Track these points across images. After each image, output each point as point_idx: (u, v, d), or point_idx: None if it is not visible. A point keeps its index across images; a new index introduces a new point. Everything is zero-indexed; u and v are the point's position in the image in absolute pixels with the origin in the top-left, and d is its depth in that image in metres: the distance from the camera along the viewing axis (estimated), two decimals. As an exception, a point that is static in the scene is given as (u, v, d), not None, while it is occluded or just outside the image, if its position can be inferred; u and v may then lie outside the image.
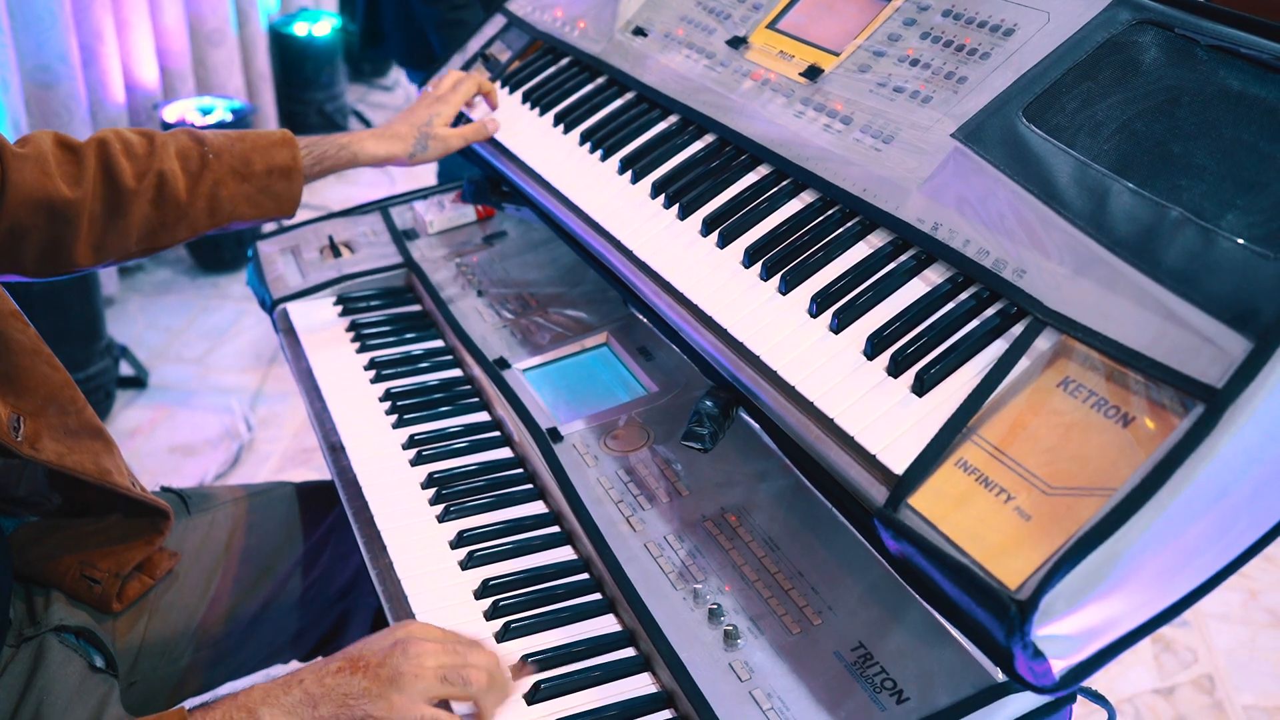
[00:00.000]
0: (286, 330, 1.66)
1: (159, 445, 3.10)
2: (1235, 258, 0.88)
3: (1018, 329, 0.98)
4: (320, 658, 1.03)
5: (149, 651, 1.41)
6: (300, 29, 4.68)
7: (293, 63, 4.73)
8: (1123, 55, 1.08)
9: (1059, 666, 0.86)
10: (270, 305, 1.72)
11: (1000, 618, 0.83)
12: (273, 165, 1.46)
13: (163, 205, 1.40)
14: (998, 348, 0.99)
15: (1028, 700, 0.98)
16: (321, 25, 4.71)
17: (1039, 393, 0.93)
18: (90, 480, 1.30)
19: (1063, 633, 0.83)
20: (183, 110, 3.97)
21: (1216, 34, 1.03)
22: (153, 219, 1.40)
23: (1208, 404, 0.82)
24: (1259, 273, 0.86)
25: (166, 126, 3.89)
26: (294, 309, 1.69)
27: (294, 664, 1.60)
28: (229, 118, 3.96)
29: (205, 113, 3.98)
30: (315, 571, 1.53)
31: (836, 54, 1.33)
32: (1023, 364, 0.95)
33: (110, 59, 3.83)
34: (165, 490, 1.55)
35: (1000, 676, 0.99)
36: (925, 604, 1.03)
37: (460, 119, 1.67)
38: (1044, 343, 0.95)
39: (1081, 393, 0.90)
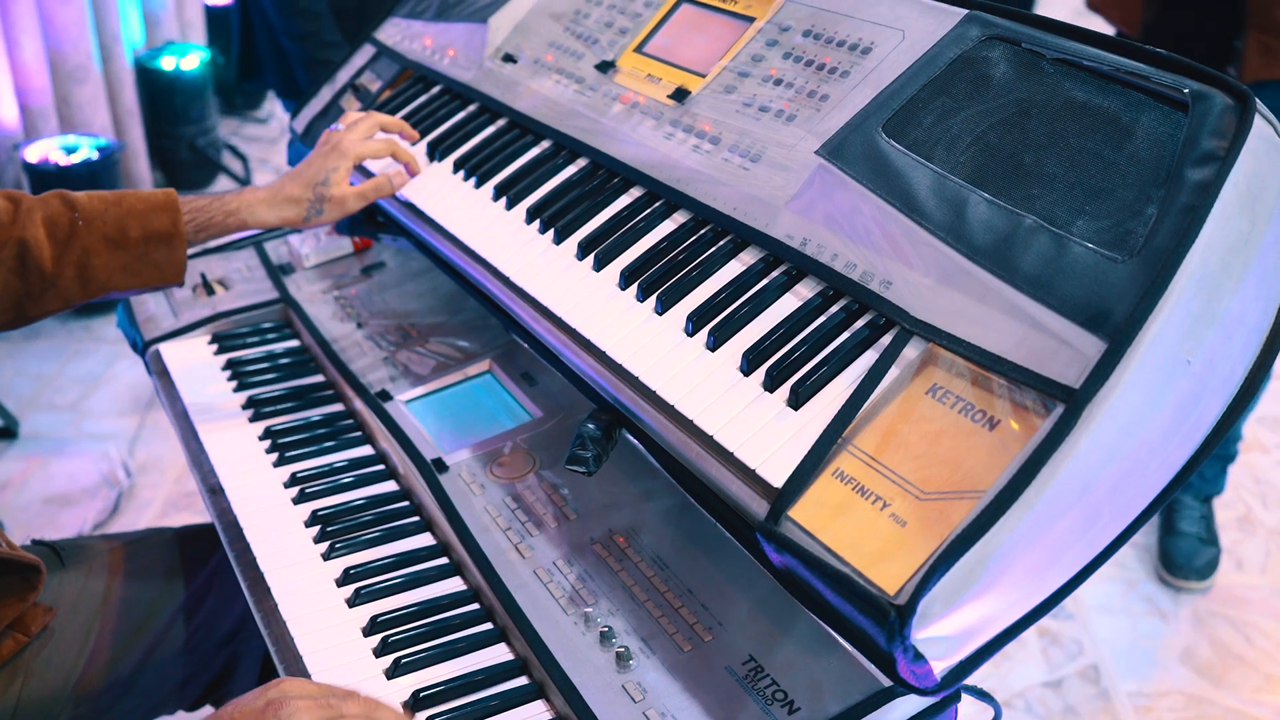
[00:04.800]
0: (160, 372, 1.62)
1: (33, 497, 2.99)
2: (1086, 262, 0.92)
3: (887, 339, 1.01)
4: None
5: (25, 713, 1.35)
6: (168, 63, 4.56)
7: (161, 97, 4.61)
8: (975, 70, 1.11)
9: (939, 668, 0.88)
10: (142, 347, 1.67)
11: (880, 623, 0.85)
12: (150, 232, 1.37)
13: (26, 275, 1.33)
14: (868, 358, 1.01)
15: (914, 703, 1.00)
16: (190, 59, 4.60)
17: (909, 401, 0.95)
18: None
19: (941, 634, 0.85)
20: (45, 150, 3.84)
21: (1061, 48, 1.08)
22: (17, 289, 1.33)
23: (1067, 404, 0.86)
24: (1109, 275, 0.90)
25: (28, 167, 3.77)
26: (167, 350, 1.65)
27: (180, 715, 1.55)
28: (95, 156, 3.85)
29: (69, 151, 3.86)
30: (199, 617, 1.49)
31: (703, 75, 1.35)
32: (893, 373, 0.97)
33: (-34, 99, 3.70)
34: (37, 543, 1.49)
35: (887, 681, 1.00)
36: (811, 614, 1.05)
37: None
38: (912, 351, 0.98)
39: (949, 399, 0.93)
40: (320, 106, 1.85)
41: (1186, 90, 0.97)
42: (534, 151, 1.46)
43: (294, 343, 1.67)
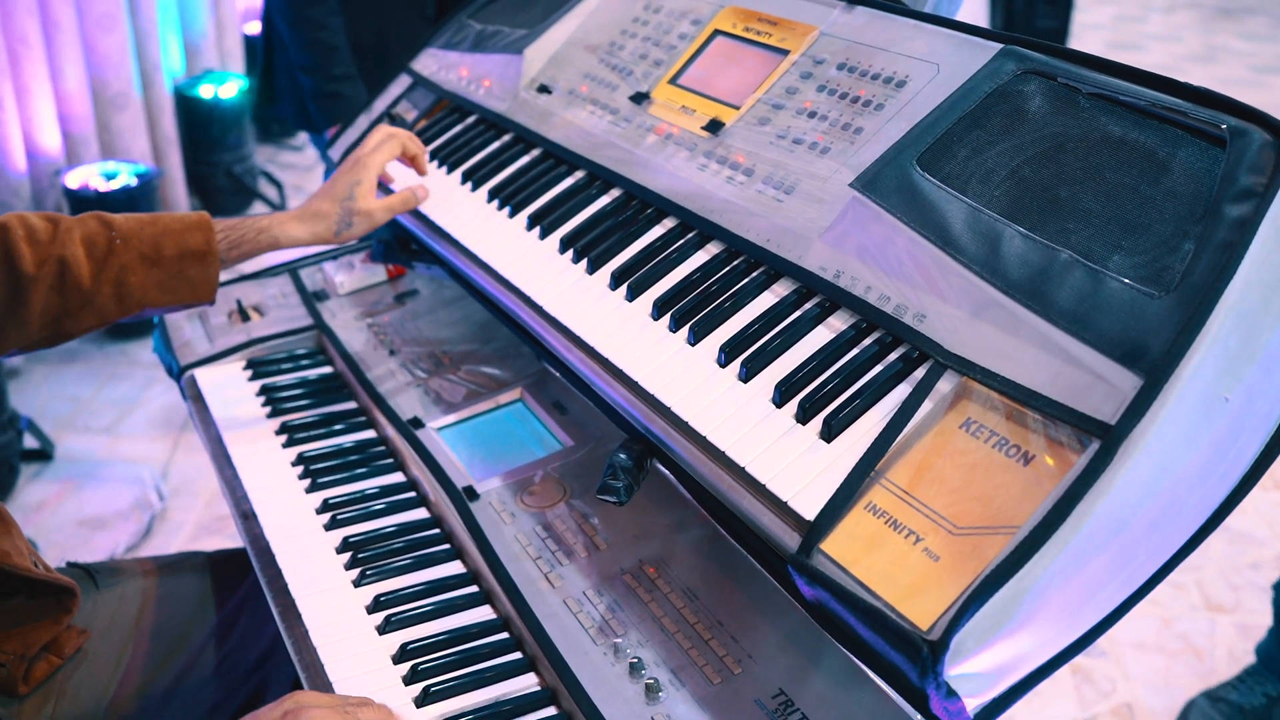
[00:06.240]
0: (195, 397, 1.63)
1: (67, 519, 3.01)
2: (1123, 297, 0.91)
3: (920, 372, 1.01)
4: None
5: (57, 734, 1.36)
6: (206, 91, 4.63)
7: (199, 125, 4.68)
8: (1010, 104, 1.11)
9: (972, 705, 0.87)
10: (177, 372, 1.69)
11: (913, 659, 0.84)
12: (185, 250, 1.41)
13: (65, 292, 1.35)
14: (901, 391, 1.01)
15: (946, 739, 0.99)
16: (228, 87, 4.67)
17: (942, 434, 0.95)
18: None
19: (974, 671, 0.84)
20: (86, 176, 3.90)
21: (1096, 83, 1.07)
22: (55, 306, 1.36)
23: (1103, 440, 0.85)
24: (1145, 311, 0.89)
25: (69, 193, 3.83)
26: (202, 375, 1.66)
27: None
28: (134, 182, 3.91)
29: (109, 178, 3.91)
30: (230, 642, 1.50)
31: (737, 107, 1.35)
32: (926, 407, 0.97)
33: (10, 126, 3.76)
34: (72, 566, 1.51)
35: (919, 717, 0.99)
36: (842, 648, 1.04)
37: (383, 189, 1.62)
38: (945, 385, 0.97)
39: (983, 433, 0.93)
40: (356, 135, 1.87)
41: (1224, 126, 0.96)
42: (568, 181, 1.47)
43: (327, 369, 1.68)
